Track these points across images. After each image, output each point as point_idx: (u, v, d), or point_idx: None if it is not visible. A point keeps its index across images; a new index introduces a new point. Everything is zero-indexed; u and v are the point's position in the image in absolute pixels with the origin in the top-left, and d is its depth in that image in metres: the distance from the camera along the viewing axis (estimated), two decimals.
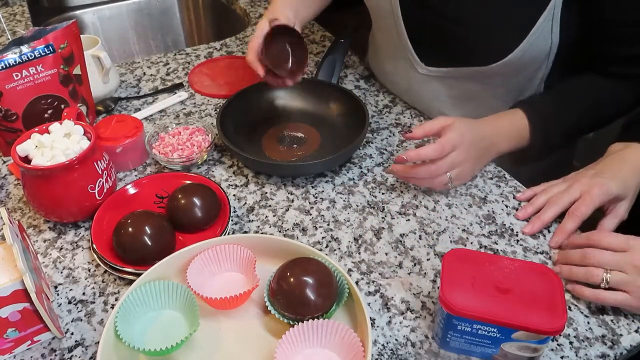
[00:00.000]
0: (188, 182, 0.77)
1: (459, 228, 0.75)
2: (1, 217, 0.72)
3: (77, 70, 0.87)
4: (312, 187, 0.82)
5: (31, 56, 0.79)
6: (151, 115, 0.98)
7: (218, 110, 0.94)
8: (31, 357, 0.60)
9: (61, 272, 0.70)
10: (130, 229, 0.67)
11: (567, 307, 0.64)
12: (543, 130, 0.80)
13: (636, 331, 0.62)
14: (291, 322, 0.58)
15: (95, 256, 0.70)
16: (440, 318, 0.58)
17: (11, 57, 0.78)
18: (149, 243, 0.66)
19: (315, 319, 0.57)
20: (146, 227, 0.67)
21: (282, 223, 0.76)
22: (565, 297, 0.56)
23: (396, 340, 0.62)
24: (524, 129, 0.80)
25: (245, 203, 0.80)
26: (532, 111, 0.80)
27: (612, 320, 0.63)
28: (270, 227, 0.76)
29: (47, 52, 0.80)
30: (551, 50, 0.79)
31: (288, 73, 0.89)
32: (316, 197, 0.81)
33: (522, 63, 0.80)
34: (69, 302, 0.66)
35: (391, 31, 0.91)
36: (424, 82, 0.92)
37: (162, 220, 0.69)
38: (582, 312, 0.64)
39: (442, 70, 0.87)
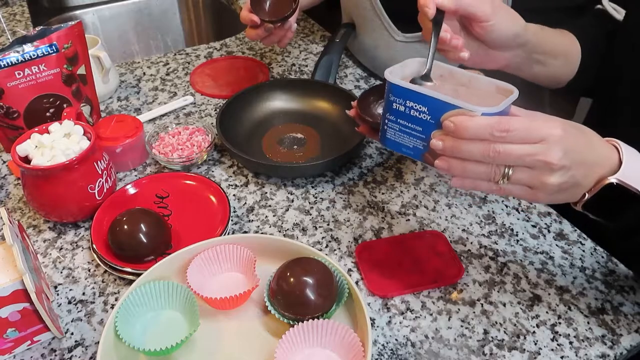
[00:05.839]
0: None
1: (458, 228, 0.75)
2: (1, 217, 0.72)
3: (81, 70, 0.87)
4: (312, 187, 0.82)
5: (34, 55, 0.79)
6: (154, 118, 0.98)
7: (218, 110, 0.94)
8: (31, 357, 0.60)
9: (61, 272, 0.70)
10: (125, 226, 0.67)
11: (566, 307, 0.64)
12: None
13: (636, 331, 0.62)
14: (291, 322, 0.58)
15: (95, 256, 0.70)
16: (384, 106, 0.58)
17: (13, 55, 0.78)
18: (144, 239, 0.66)
19: (315, 319, 0.57)
20: (141, 224, 0.67)
21: (282, 223, 0.76)
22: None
23: (396, 340, 0.62)
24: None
25: (245, 203, 0.80)
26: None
27: (612, 320, 0.63)
28: (270, 227, 0.76)
29: (50, 52, 0.80)
30: None
31: (268, 15, 0.90)
32: (316, 197, 0.81)
33: None
34: (69, 302, 0.66)
35: (367, 7, 0.98)
36: (404, 48, 0.97)
37: (157, 216, 0.70)
38: (582, 312, 0.64)
39: (417, 35, 0.93)
